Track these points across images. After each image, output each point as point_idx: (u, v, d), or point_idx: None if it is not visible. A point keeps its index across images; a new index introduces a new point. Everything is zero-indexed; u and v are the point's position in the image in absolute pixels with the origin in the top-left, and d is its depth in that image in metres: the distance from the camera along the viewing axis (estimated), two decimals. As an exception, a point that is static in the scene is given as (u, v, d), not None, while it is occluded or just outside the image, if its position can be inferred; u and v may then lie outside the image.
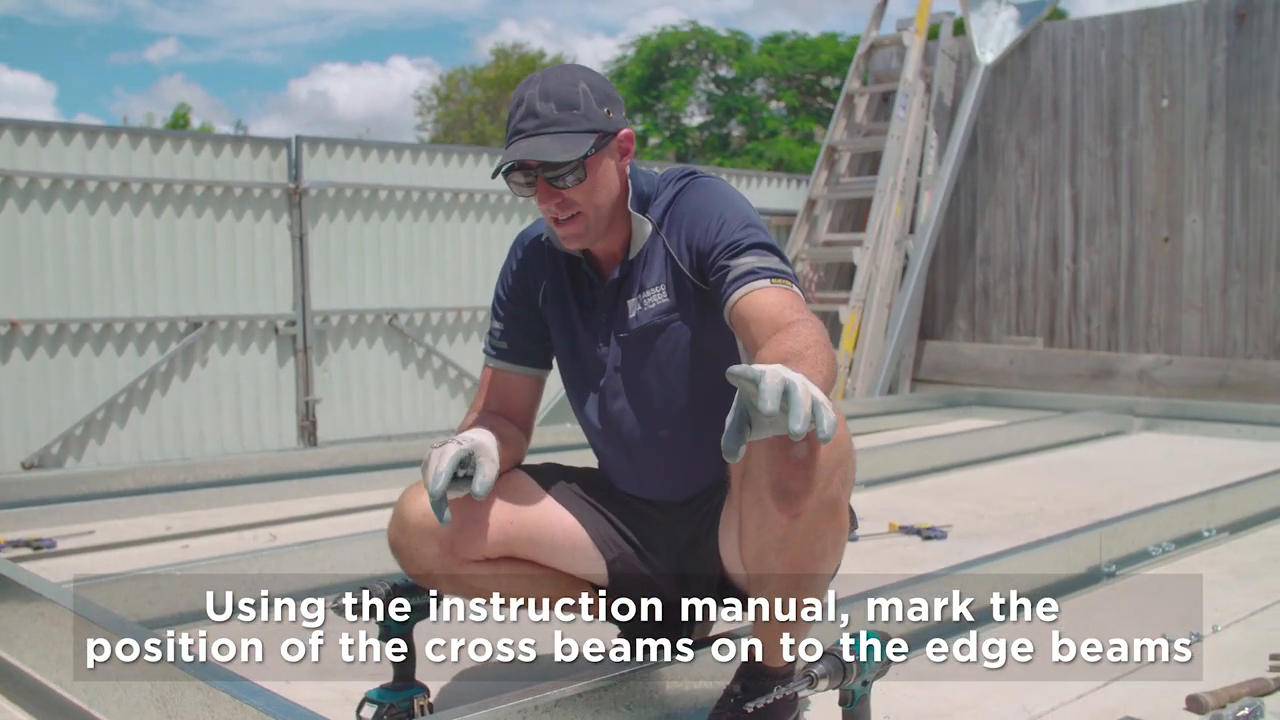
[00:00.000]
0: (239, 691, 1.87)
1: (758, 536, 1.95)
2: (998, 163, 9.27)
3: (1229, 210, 8.06)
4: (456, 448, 2.13)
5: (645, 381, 2.29)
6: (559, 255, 2.39)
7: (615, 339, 2.30)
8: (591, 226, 2.22)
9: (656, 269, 2.26)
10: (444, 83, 33.31)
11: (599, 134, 2.16)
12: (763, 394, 1.63)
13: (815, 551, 1.94)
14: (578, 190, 2.17)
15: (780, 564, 1.95)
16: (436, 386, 7.31)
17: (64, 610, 2.42)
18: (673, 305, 2.24)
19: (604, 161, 2.20)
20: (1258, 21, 7.95)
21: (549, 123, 2.14)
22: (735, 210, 2.20)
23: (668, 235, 2.26)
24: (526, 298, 2.42)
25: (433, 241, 7.27)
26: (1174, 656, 2.79)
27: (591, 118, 2.16)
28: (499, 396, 2.44)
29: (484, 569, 2.27)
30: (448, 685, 2.69)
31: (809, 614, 2.03)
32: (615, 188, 2.24)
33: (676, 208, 2.26)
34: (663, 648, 2.43)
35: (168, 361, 6.20)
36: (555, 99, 2.15)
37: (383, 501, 5.10)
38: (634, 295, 2.27)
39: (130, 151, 6.10)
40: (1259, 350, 7.93)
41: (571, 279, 2.37)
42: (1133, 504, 4.72)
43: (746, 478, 1.96)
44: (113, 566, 3.95)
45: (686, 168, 2.34)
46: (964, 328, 9.49)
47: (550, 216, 2.23)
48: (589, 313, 2.34)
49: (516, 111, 2.18)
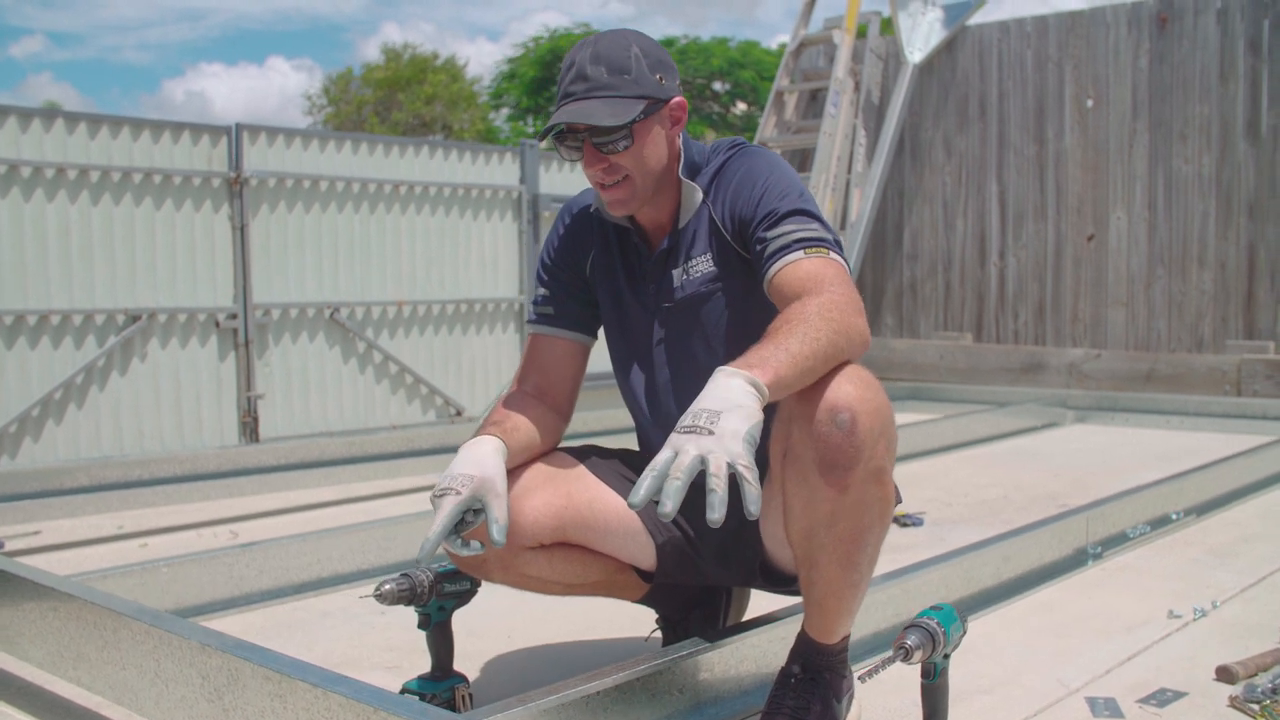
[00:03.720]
0: (321, 679, 1.78)
1: (806, 514, 1.93)
2: (925, 161, 9.42)
3: (1152, 208, 8.30)
4: (455, 500, 1.97)
5: (692, 351, 2.25)
6: (608, 226, 2.35)
7: (661, 308, 2.26)
8: (638, 193, 2.18)
9: (702, 238, 2.23)
10: (334, 83, 32.88)
11: (649, 100, 2.13)
12: (663, 500, 1.65)
13: (864, 523, 1.93)
14: (625, 156, 2.13)
15: (830, 539, 1.93)
16: (378, 382, 7.18)
17: (84, 604, 2.31)
18: (718, 274, 2.21)
19: (653, 128, 2.16)
20: (1179, 25, 8.19)
21: (599, 86, 2.10)
22: (778, 177, 2.18)
23: (713, 203, 2.23)
24: (574, 265, 2.38)
25: (374, 234, 7.14)
26: (1185, 630, 2.87)
27: (642, 83, 2.12)
28: (540, 368, 2.37)
29: (539, 555, 2.22)
30: (485, 674, 2.64)
31: (860, 588, 2.03)
32: (664, 155, 2.20)
33: (723, 175, 2.24)
34: (705, 631, 2.42)
35: (106, 356, 5.98)
36: (606, 63, 2.11)
37: (341, 497, 5.01)
38: (679, 264, 2.24)
39: (66, 137, 5.87)
40: (1183, 344, 8.17)
41: (621, 251, 2.33)
42: (1095, 490, 4.83)
43: (789, 455, 1.94)
44: (71, 567, 3.80)
45: (735, 139, 2.32)
46: (891, 324, 9.61)
47: (596, 182, 2.18)
48: (638, 284, 2.31)
49: (568, 74, 2.14)
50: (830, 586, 1.99)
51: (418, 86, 30.84)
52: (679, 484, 1.64)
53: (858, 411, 1.83)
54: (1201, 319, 8.11)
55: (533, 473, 2.22)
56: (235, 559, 3.29)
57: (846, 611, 2.04)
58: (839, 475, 1.85)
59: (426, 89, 30.67)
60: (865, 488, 1.89)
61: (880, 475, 1.91)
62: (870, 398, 1.86)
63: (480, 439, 2.13)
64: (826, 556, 1.95)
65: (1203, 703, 2.36)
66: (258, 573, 3.33)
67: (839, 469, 1.85)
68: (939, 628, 1.88)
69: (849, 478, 1.86)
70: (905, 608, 2.79)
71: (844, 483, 1.86)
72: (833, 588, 1.99)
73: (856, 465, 1.85)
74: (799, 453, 1.90)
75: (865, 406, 1.84)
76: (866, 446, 1.85)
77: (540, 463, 2.26)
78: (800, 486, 1.92)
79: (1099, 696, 2.39)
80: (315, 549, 3.47)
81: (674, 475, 1.65)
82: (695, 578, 2.38)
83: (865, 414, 1.84)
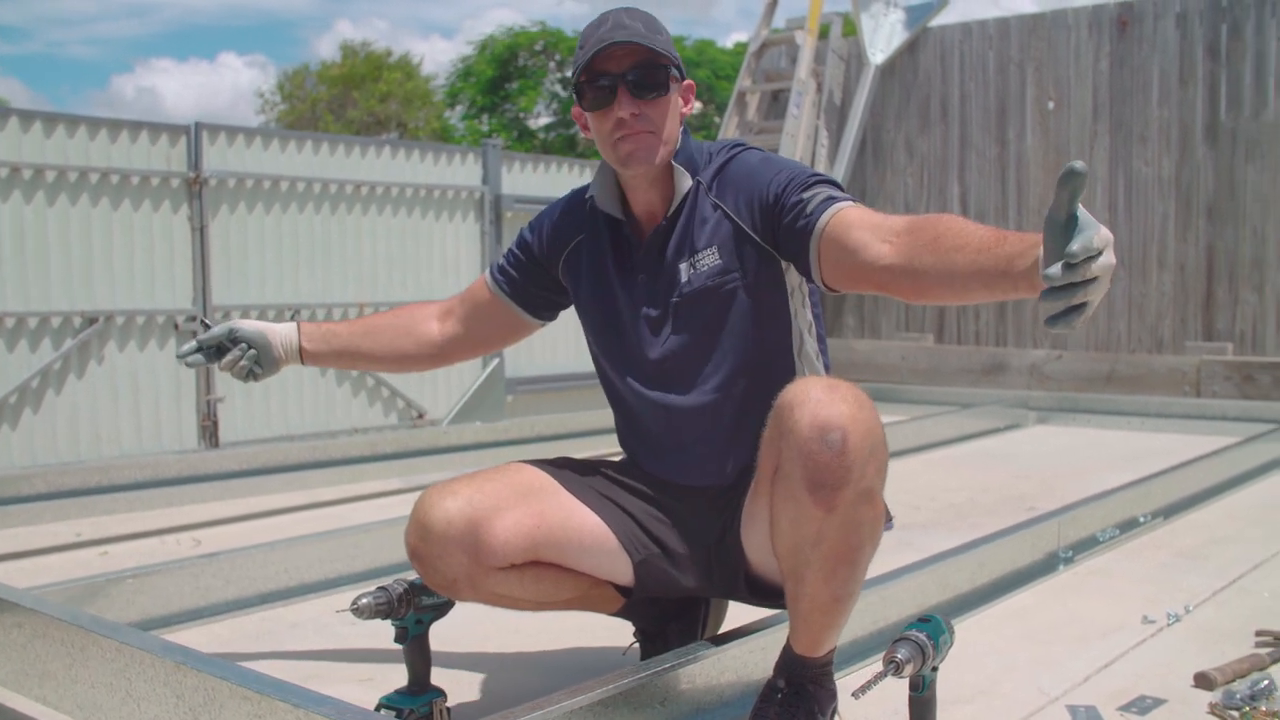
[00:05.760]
0: (302, 699, 1.74)
1: (793, 531, 1.91)
2: (887, 162, 9.45)
3: (1113, 209, 8.36)
4: (230, 325, 2.46)
5: (695, 344, 2.22)
6: (599, 216, 2.32)
7: (667, 303, 2.22)
8: (660, 153, 2.17)
9: (708, 231, 2.20)
10: (288, 79, 32.59)
11: (677, 65, 2.18)
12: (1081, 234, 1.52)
13: (853, 543, 1.90)
14: (656, 105, 2.14)
15: (817, 557, 1.90)
16: (339, 385, 7.10)
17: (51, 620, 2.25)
18: (726, 267, 2.18)
19: (675, 95, 2.20)
20: (1139, 29, 8.26)
21: (639, 34, 2.12)
22: (797, 165, 2.20)
23: (721, 197, 2.20)
24: (551, 251, 2.41)
25: (335, 234, 7.05)
26: (1160, 636, 2.88)
27: (671, 49, 2.17)
28: (471, 305, 2.53)
29: (510, 575, 2.17)
30: (462, 687, 2.60)
31: (847, 604, 2.01)
32: (676, 129, 2.22)
33: (729, 169, 2.22)
34: (685, 643, 2.40)
35: (62, 359, 5.86)
36: (642, 20, 2.16)
37: (304, 502, 4.94)
38: (686, 258, 2.21)
39: (21, 135, 5.75)
40: (1143, 344, 8.25)
41: (613, 243, 2.30)
42: (1060, 492, 4.85)
43: (779, 473, 1.92)
44: (29, 577, 3.72)
45: (736, 140, 2.32)
46: (853, 325, 9.64)
47: (618, 134, 2.14)
48: (628, 275, 2.28)
49: (601, 28, 2.14)
50: (816, 603, 1.96)
51: (373, 84, 30.62)
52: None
53: (849, 431, 1.81)
54: (1161, 320, 8.19)
55: (505, 491, 2.17)
56: (201, 569, 3.22)
57: (832, 627, 2.02)
58: (827, 495, 1.83)
59: (382, 87, 30.46)
60: (854, 508, 1.86)
61: (870, 496, 1.89)
62: (863, 418, 1.84)
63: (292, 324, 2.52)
64: (813, 573, 1.93)
65: (1183, 710, 2.36)
66: (224, 583, 3.27)
67: (827, 489, 1.83)
68: (928, 640, 1.86)
69: (837, 498, 1.83)
70: (882, 615, 2.78)
71: (832, 502, 1.84)
72: (819, 604, 1.96)
73: (846, 486, 1.83)
74: (788, 470, 1.88)
75: (857, 426, 1.82)
76: (856, 467, 1.83)
77: (513, 480, 2.22)
78: (788, 503, 1.90)
79: (1080, 705, 2.39)
80: (283, 558, 3.42)
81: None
82: (676, 591, 2.36)
83: (857, 434, 1.81)
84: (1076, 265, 1.51)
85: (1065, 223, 1.53)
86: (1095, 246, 1.51)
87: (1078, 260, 1.50)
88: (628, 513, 2.29)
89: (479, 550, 2.09)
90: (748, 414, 2.17)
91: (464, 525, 2.07)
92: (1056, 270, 1.52)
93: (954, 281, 1.81)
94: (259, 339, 2.47)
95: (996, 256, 1.74)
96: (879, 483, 1.92)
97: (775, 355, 2.23)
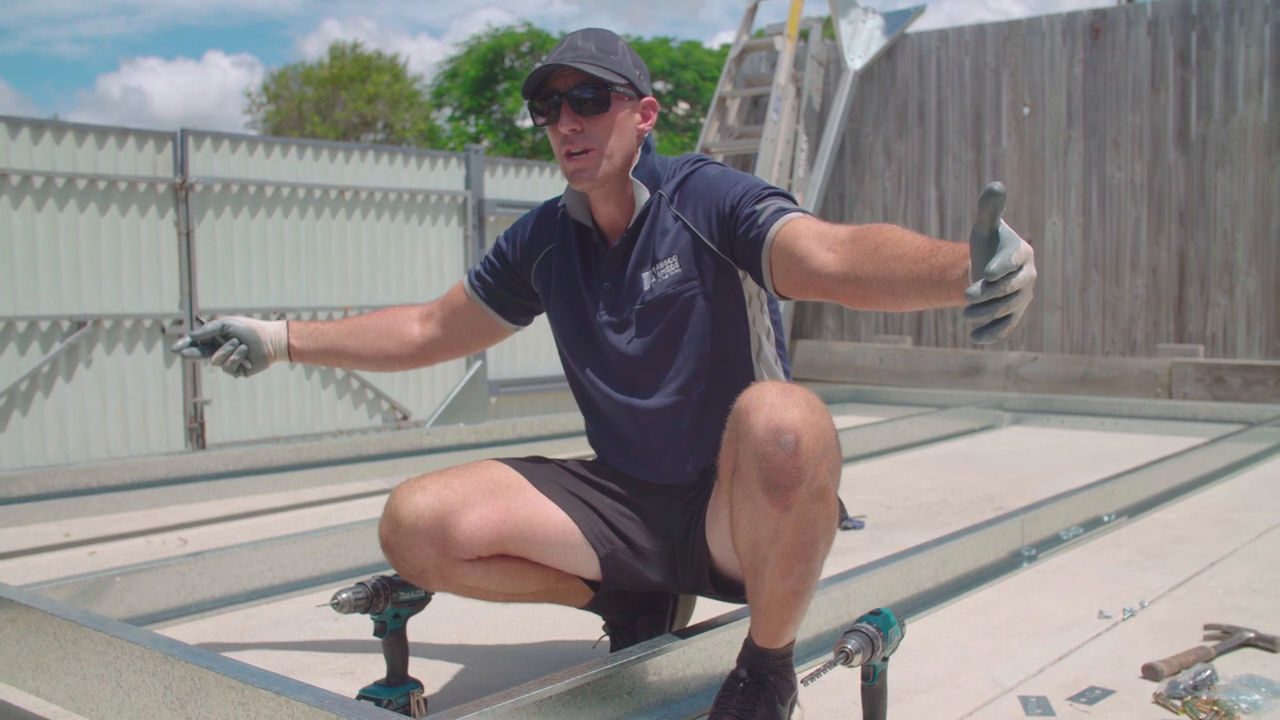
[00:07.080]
0: (284, 688, 1.84)
1: (750, 529, 2.01)
2: (865, 166, 9.57)
3: (1087, 213, 8.50)
4: (223, 321, 2.61)
5: (657, 349, 2.33)
6: (570, 223, 2.44)
7: (631, 309, 2.34)
8: (602, 168, 2.28)
9: (669, 241, 2.32)
10: (274, 80, 32.61)
11: (628, 83, 2.27)
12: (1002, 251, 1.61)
13: (808, 539, 2.01)
14: (597, 123, 2.25)
15: (774, 553, 2.01)
16: (324, 387, 7.18)
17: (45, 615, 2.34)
18: (685, 275, 2.30)
19: (626, 111, 2.30)
20: (1111, 36, 8.40)
21: (587, 55, 2.25)
22: (752, 178, 2.31)
23: (681, 208, 2.32)
24: (526, 256, 2.52)
25: (319, 239, 7.14)
26: (1115, 630, 2.99)
27: (624, 68, 2.28)
28: (450, 309, 2.67)
29: (476, 567, 2.28)
30: (439, 679, 2.70)
31: (804, 597, 2.11)
32: (631, 144, 2.32)
33: (690, 182, 2.34)
34: (654, 636, 2.50)
35: (50, 362, 5.94)
36: (596, 41, 2.28)
37: (290, 503, 5.03)
38: (648, 267, 2.33)
39: (9, 142, 5.83)
40: (1116, 347, 8.38)
41: (580, 249, 2.42)
42: (1030, 492, 4.97)
43: (736, 473, 2.02)
44: (19, 576, 3.80)
45: (698, 154, 2.43)
46: (832, 327, 9.76)
47: (564, 150, 2.28)
48: (595, 282, 2.39)
49: (557, 48, 2.28)
50: (775, 597, 2.06)
51: (360, 85, 30.66)
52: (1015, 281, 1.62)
53: (801, 434, 1.91)
54: (1134, 323, 8.32)
55: (473, 487, 2.28)
56: (188, 567, 3.31)
57: (791, 620, 2.12)
58: (781, 494, 1.93)
59: (369, 88, 30.51)
60: (808, 506, 1.96)
61: (823, 494, 1.99)
62: (815, 420, 1.94)
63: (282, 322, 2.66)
64: (770, 569, 2.02)
65: (1129, 700, 2.47)
66: (210, 580, 3.36)
67: (781, 489, 1.93)
68: (878, 632, 1.96)
69: (791, 497, 1.93)
70: (847, 610, 2.88)
71: (786, 501, 1.94)
72: (777, 598, 2.06)
73: (799, 485, 1.93)
74: (745, 471, 1.97)
75: (809, 429, 1.92)
76: (809, 467, 1.93)
77: (482, 476, 2.33)
78: (745, 502, 1.99)
79: (1031, 695, 2.50)
80: (267, 556, 3.51)
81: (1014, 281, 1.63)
82: (642, 585, 2.46)
83: (809, 436, 1.92)
84: (995, 283, 1.61)
85: (988, 239, 1.64)
86: (1014, 263, 1.61)
87: (996, 278, 1.61)
88: (594, 509, 2.40)
89: (446, 543, 2.21)
90: (708, 416, 2.29)
91: (432, 519, 2.19)
92: (976, 289, 1.63)
93: (893, 289, 1.91)
94: (249, 335, 2.60)
95: (930, 267, 1.84)
96: (832, 482, 2.02)
97: (734, 360, 2.34)
